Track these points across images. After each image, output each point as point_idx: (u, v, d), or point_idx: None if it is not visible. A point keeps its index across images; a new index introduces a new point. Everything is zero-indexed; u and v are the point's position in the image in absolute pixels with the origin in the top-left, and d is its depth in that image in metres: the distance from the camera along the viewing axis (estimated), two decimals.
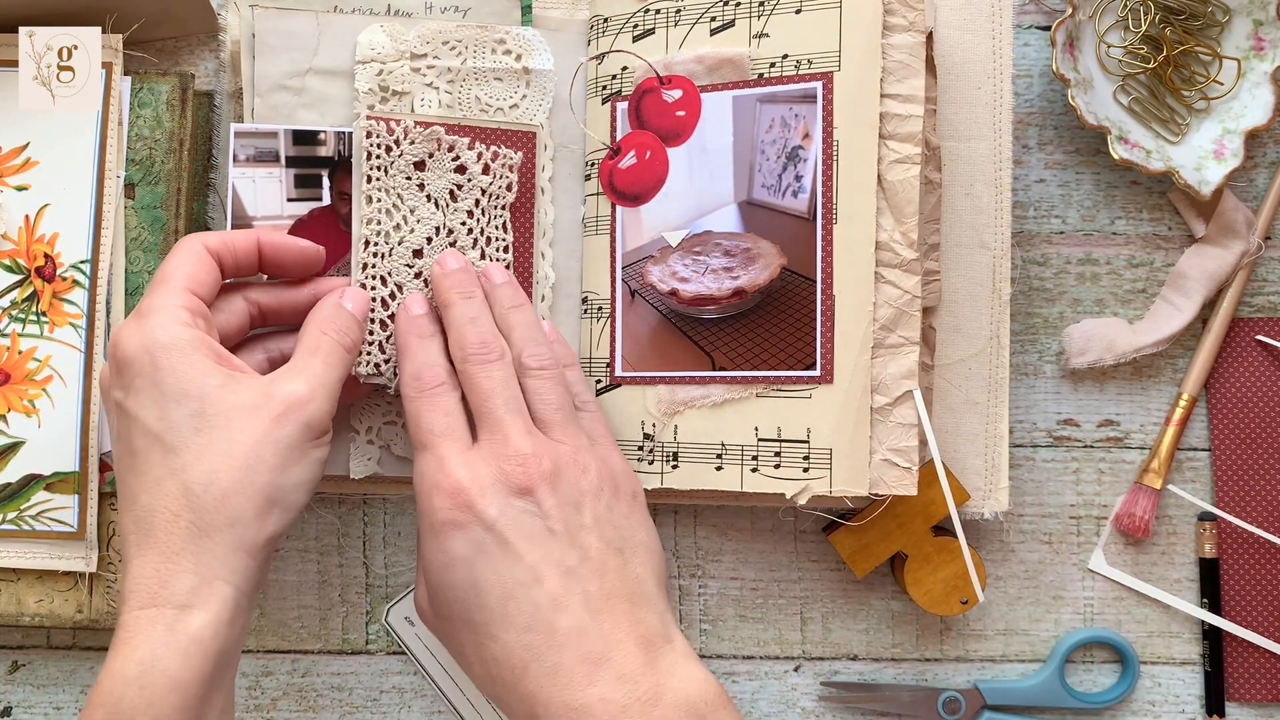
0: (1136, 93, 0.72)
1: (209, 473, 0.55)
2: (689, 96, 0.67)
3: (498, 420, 0.59)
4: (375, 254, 0.66)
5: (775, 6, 0.66)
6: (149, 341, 0.56)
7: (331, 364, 0.60)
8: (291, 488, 0.57)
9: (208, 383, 0.56)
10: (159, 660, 0.52)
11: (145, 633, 0.53)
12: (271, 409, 0.57)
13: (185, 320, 0.58)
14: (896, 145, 0.63)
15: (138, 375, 0.56)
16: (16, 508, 0.67)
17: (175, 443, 0.55)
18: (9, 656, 0.72)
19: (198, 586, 0.54)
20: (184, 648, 0.53)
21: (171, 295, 0.58)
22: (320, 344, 0.61)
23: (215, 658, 0.54)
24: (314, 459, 0.58)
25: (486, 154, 0.68)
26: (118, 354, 0.57)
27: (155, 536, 0.55)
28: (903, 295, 0.63)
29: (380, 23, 0.69)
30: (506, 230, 0.69)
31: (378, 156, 0.66)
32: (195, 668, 0.53)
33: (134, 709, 0.52)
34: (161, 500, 0.55)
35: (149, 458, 0.56)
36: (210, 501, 0.55)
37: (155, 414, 0.56)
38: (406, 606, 0.72)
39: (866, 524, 0.68)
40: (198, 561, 0.54)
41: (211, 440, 0.55)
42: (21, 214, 0.67)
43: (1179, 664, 0.72)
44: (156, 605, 0.53)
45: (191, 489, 0.55)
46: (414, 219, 0.67)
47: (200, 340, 0.57)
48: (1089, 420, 0.73)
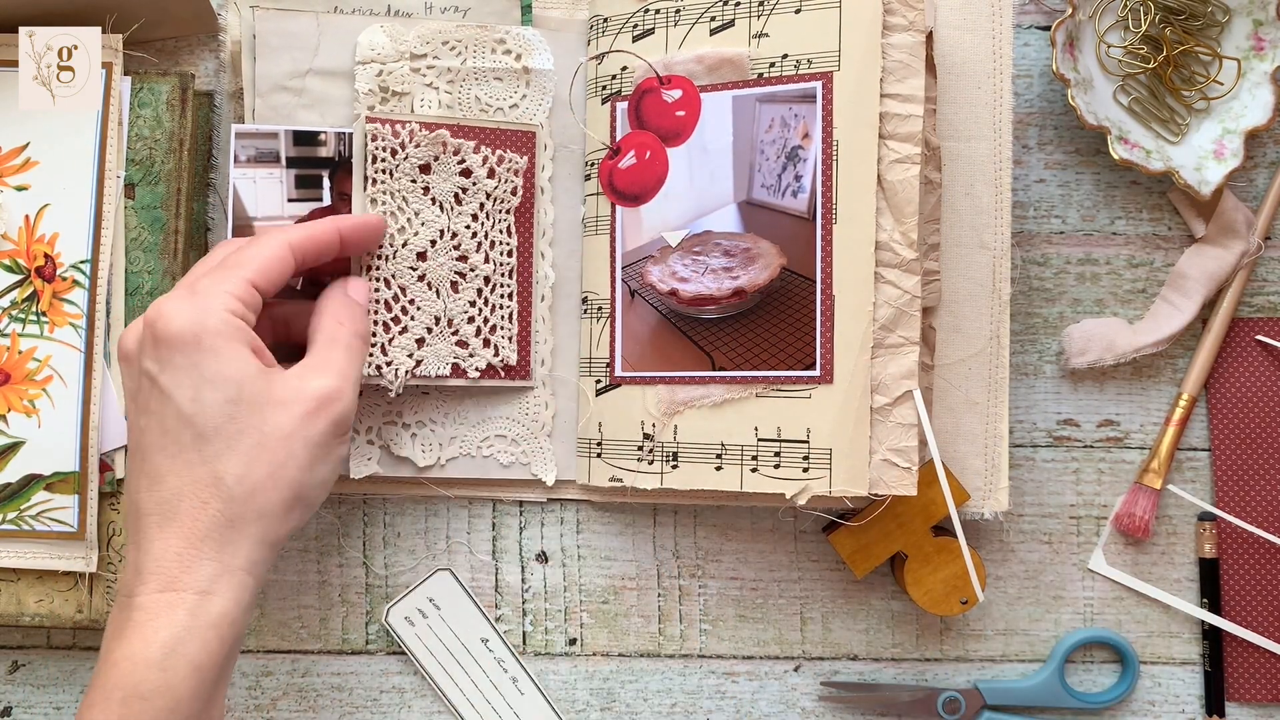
0: (1136, 93, 0.72)
1: (242, 464, 0.55)
2: (689, 96, 0.67)
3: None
4: (379, 256, 0.66)
5: (775, 6, 0.66)
6: (197, 324, 0.56)
7: (351, 355, 0.61)
8: (316, 484, 0.58)
9: (245, 372, 0.56)
10: (180, 644, 0.53)
11: (166, 616, 0.54)
12: (304, 405, 0.57)
13: (238, 310, 0.57)
14: (896, 145, 0.63)
15: (178, 353, 0.56)
16: (16, 508, 0.67)
17: (207, 429, 0.56)
18: (9, 656, 0.72)
19: (220, 574, 0.55)
20: (204, 633, 0.54)
21: (233, 283, 0.58)
22: (338, 337, 0.61)
23: (231, 644, 0.55)
24: (338, 455, 0.59)
25: (492, 158, 0.68)
26: (159, 327, 0.56)
27: (180, 520, 0.55)
28: (902, 295, 0.63)
29: (380, 23, 0.69)
30: (511, 234, 0.69)
31: (382, 159, 0.66)
32: (213, 652, 0.54)
33: (154, 691, 0.53)
34: (190, 485, 0.55)
35: (180, 439, 0.56)
36: (241, 493, 0.55)
37: (190, 396, 0.56)
38: (406, 606, 0.72)
39: (866, 524, 0.68)
40: (221, 550, 0.55)
41: (244, 431, 0.56)
42: (21, 214, 0.67)
43: (1179, 664, 0.72)
44: (177, 590, 0.54)
45: (223, 478, 0.55)
46: (418, 222, 0.67)
47: (244, 331, 0.57)
48: (1089, 420, 0.73)
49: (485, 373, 0.69)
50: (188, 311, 0.56)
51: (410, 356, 0.67)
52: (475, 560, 0.72)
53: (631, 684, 0.72)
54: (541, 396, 0.71)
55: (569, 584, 0.73)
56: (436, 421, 0.70)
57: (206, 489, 0.55)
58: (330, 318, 0.62)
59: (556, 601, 0.73)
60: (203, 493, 0.55)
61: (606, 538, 0.73)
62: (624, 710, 0.72)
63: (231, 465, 0.55)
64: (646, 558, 0.72)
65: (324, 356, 0.60)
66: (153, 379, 0.57)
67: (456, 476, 0.71)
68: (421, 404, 0.70)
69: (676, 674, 0.72)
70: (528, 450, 0.71)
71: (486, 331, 0.69)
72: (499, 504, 0.72)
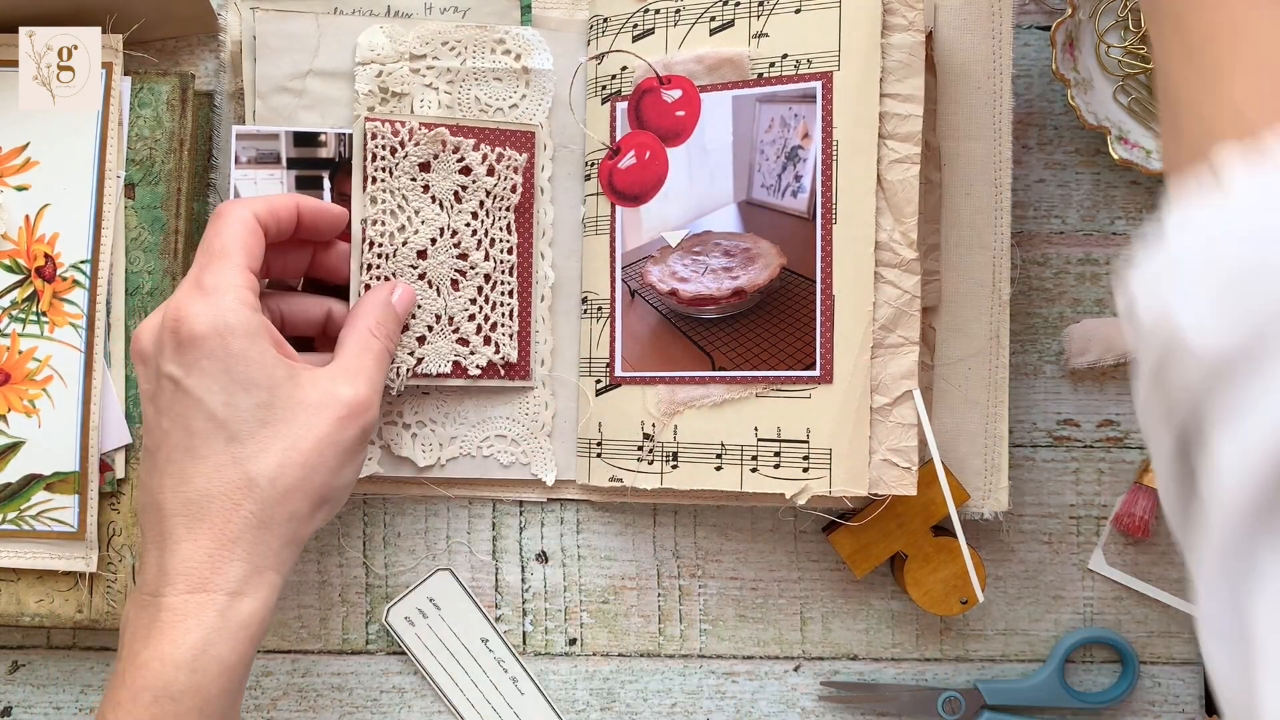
0: (1136, 93, 0.72)
1: (275, 467, 0.56)
2: (688, 96, 0.67)
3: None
4: (380, 254, 0.66)
5: (775, 6, 0.66)
6: (220, 324, 0.56)
7: (381, 366, 0.62)
8: (342, 487, 0.59)
9: (276, 374, 0.57)
10: (211, 645, 0.54)
11: (196, 617, 0.54)
12: (336, 410, 0.58)
13: (252, 303, 0.57)
14: (896, 145, 0.63)
15: (205, 356, 0.56)
16: (16, 508, 0.67)
17: (240, 432, 0.56)
18: (9, 656, 0.72)
19: (250, 575, 0.55)
20: (234, 633, 0.54)
21: (235, 273, 0.58)
22: (371, 346, 0.62)
23: (258, 643, 0.56)
24: (361, 460, 0.61)
25: (491, 155, 0.68)
26: (183, 330, 0.56)
27: (210, 521, 0.55)
28: (902, 295, 0.63)
29: (380, 24, 0.69)
30: (511, 232, 0.69)
31: (382, 158, 0.66)
32: (243, 652, 0.55)
33: (183, 692, 0.53)
34: (221, 487, 0.55)
35: (210, 442, 0.56)
36: (274, 495, 0.56)
37: (222, 399, 0.56)
38: (406, 606, 0.72)
39: (866, 524, 0.68)
40: (252, 551, 0.55)
41: (277, 434, 0.56)
42: (21, 214, 0.67)
43: (1179, 664, 0.72)
44: (207, 590, 0.54)
45: (256, 480, 0.55)
46: (418, 220, 0.67)
47: (265, 327, 0.58)
48: (1089, 420, 0.73)
49: (486, 372, 0.69)
50: (208, 312, 0.56)
51: (411, 355, 0.67)
52: (475, 560, 0.72)
53: (631, 684, 0.72)
54: (541, 396, 0.71)
55: (569, 584, 0.73)
56: (436, 421, 0.70)
57: (239, 490, 0.55)
58: (366, 326, 0.62)
59: (556, 601, 0.73)
60: (235, 494, 0.55)
61: (606, 538, 0.73)
62: (624, 710, 0.72)
63: (264, 467, 0.56)
64: (646, 558, 0.72)
65: (357, 364, 0.60)
66: (176, 381, 0.56)
67: (456, 476, 0.71)
68: (421, 404, 0.70)
69: (676, 674, 0.72)
70: (528, 450, 0.71)
71: (487, 329, 0.69)
72: (499, 504, 0.72)
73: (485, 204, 0.68)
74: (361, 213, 0.66)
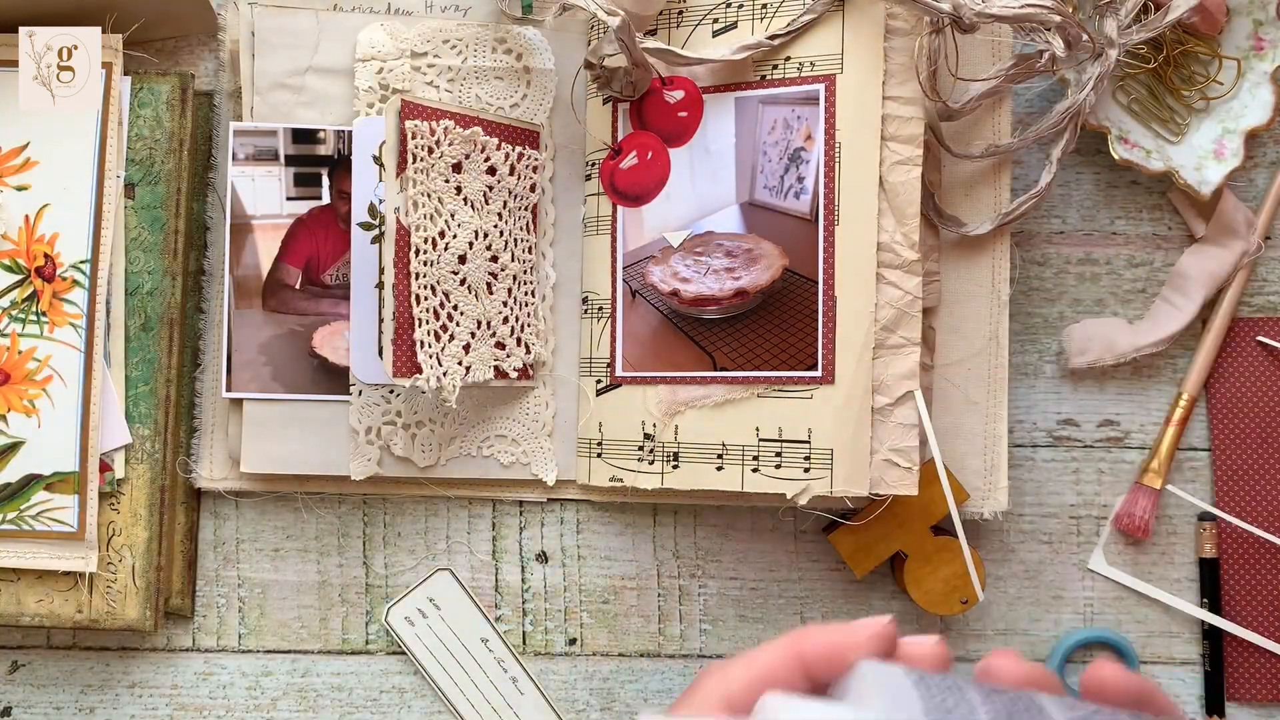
0: (1136, 93, 0.72)
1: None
2: (691, 97, 0.67)
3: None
4: (425, 262, 0.63)
5: (778, 8, 0.65)
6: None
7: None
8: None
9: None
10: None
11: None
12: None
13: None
14: (898, 147, 0.63)
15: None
16: (16, 508, 0.67)
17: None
18: (9, 656, 0.72)
19: None
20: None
21: None
22: None
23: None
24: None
25: (513, 155, 0.68)
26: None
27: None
28: (904, 296, 0.63)
29: (380, 21, 0.69)
30: (529, 231, 0.68)
31: (421, 159, 0.64)
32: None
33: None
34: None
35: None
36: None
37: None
38: (406, 606, 0.72)
39: (866, 524, 0.68)
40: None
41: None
42: (21, 214, 0.67)
43: (1179, 664, 0.72)
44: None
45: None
46: (455, 224, 0.65)
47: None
48: (1089, 420, 0.73)
49: (521, 373, 0.69)
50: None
51: (460, 364, 0.66)
52: (475, 560, 0.72)
53: (631, 684, 0.72)
54: (542, 396, 0.71)
55: (569, 584, 0.73)
56: (436, 421, 0.70)
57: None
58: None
59: (556, 601, 0.73)
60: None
61: (606, 538, 0.73)
62: (624, 710, 0.72)
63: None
64: (646, 558, 0.73)
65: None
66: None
67: (456, 476, 0.71)
68: (422, 404, 0.70)
69: (676, 674, 0.72)
70: (528, 450, 0.71)
71: (519, 331, 0.68)
72: (499, 504, 0.72)
73: (508, 204, 0.68)
74: (394, 203, 0.63)
